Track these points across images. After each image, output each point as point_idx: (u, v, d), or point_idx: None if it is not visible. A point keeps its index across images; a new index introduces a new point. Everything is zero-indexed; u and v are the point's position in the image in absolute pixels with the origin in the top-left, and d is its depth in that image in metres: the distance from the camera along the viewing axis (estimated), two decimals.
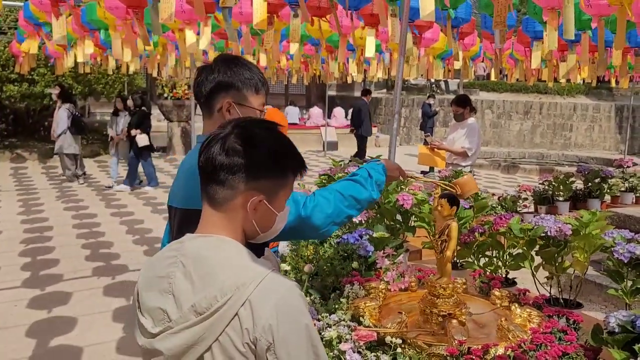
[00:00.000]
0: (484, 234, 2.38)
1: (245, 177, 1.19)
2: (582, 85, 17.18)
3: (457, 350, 1.52)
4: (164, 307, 1.17)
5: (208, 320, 1.11)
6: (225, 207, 1.21)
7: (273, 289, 1.13)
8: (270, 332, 1.10)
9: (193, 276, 1.15)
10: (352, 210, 1.73)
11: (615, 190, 5.62)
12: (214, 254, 1.17)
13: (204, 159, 1.22)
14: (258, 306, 1.10)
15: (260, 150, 1.20)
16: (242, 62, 1.74)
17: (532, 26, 4.98)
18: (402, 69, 3.74)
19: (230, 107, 1.71)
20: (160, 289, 1.19)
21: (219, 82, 1.69)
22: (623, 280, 1.87)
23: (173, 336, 1.14)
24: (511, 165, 13.81)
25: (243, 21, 4.88)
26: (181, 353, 1.13)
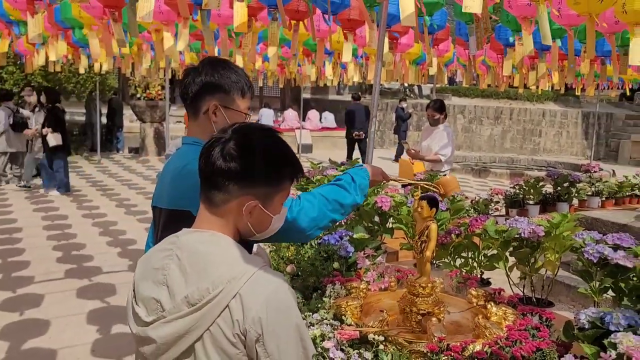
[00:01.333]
0: (460, 235, 2.45)
1: (241, 183, 1.23)
2: (550, 92, 17.62)
3: (437, 347, 1.57)
4: (158, 297, 1.21)
5: (200, 311, 1.16)
6: (222, 209, 1.25)
7: (263, 283, 1.19)
8: (260, 325, 1.15)
9: (187, 269, 1.20)
10: (336, 214, 1.77)
11: (583, 194, 5.80)
12: (208, 248, 1.22)
13: (204, 162, 1.26)
14: (248, 299, 1.15)
15: (257, 157, 1.23)
16: (229, 65, 1.76)
17: (505, 34, 5.11)
18: (380, 74, 3.81)
19: (217, 110, 1.73)
20: (155, 280, 1.24)
21: (206, 84, 1.71)
22: (592, 279, 1.95)
23: (165, 325, 1.18)
24: (482, 169, 14.09)
25: (221, 23, 4.89)
26: (173, 342, 1.18)
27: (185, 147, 1.82)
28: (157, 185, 1.88)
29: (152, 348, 1.21)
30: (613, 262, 1.87)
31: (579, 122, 18.95)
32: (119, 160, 13.88)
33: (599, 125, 17.10)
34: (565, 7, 3.87)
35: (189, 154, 1.76)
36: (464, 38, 5.22)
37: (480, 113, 18.61)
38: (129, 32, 3.91)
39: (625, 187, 6.00)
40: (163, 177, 1.85)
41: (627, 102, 20.20)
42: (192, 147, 1.80)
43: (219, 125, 1.73)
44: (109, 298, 4.63)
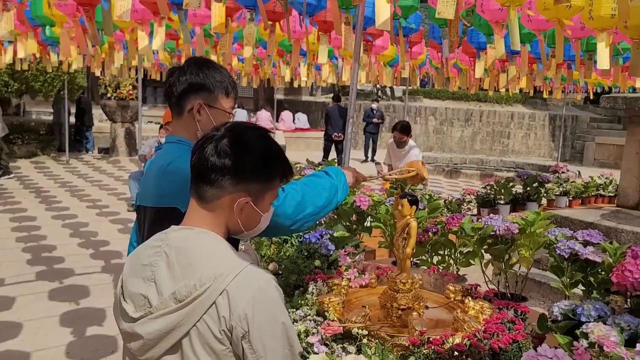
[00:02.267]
0: (437, 233, 2.51)
1: (234, 179, 1.25)
2: (519, 94, 18.02)
3: (419, 340, 1.62)
4: (145, 293, 1.23)
5: (187, 307, 1.18)
6: (213, 205, 1.28)
7: (251, 281, 1.21)
8: (246, 321, 1.17)
9: (175, 265, 1.22)
10: (320, 199, 1.80)
11: (551, 194, 5.98)
12: (196, 245, 1.24)
13: (197, 158, 1.28)
14: (235, 296, 1.17)
15: (250, 154, 1.26)
16: (213, 65, 1.78)
17: (477, 37, 5.23)
18: (357, 76, 3.86)
19: (201, 108, 1.74)
20: (144, 276, 1.25)
21: (191, 83, 1.72)
22: (563, 274, 2.03)
23: (153, 321, 1.20)
24: (454, 170, 14.32)
25: (197, 23, 4.88)
26: (159, 338, 1.20)
27: (168, 145, 1.84)
28: (141, 185, 1.89)
29: (139, 344, 1.23)
30: (583, 258, 1.95)
31: (546, 124, 19.43)
32: (88, 161, 13.63)
33: (565, 128, 17.56)
34: (535, 12, 4.00)
35: (174, 152, 1.78)
36: (437, 41, 5.32)
37: (451, 115, 18.91)
38: (104, 31, 3.86)
39: (590, 187, 6.22)
40: (147, 176, 1.87)
41: (591, 105, 20.79)
42: (176, 145, 1.82)
43: (203, 124, 1.75)
44: (82, 300, 4.56)
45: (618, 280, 1.78)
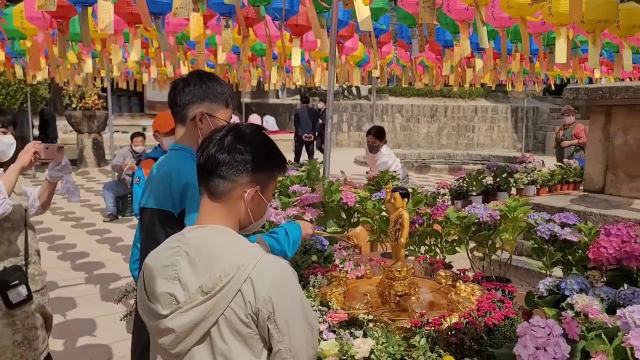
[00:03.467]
0: (423, 224, 2.65)
1: (244, 171, 1.37)
2: (481, 89, 18.48)
3: (420, 321, 1.75)
4: (171, 291, 1.32)
5: (214, 297, 1.27)
6: (225, 198, 1.38)
7: (269, 267, 1.31)
8: (271, 303, 1.27)
9: (196, 262, 1.31)
10: None
11: (520, 183, 6.23)
12: (214, 241, 1.34)
13: (205, 158, 1.38)
14: (258, 282, 1.27)
15: (256, 147, 1.39)
16: (215, 78, 1.94)
17: (443, 36, 5.41)
18: (334, 77, 3.99)
19: (203, 117, 1.89)
20: (167, 276, 1.34)
21: (195, 94, 1.87)
22: (544, 255, 2.20)
23: (183, 315, 1.28)
24: (423, 165, 14.62)
25: (170, 31, 4.93)
26: (191, 329, 1.29)
27: (172, 152, 1.96)
28: (144, 188, 1.99)
29: (172, 337, 1.31)
30: (561, 238, 2.12)
31: (509, 116, 19.98)
32: None
33: (527, 119, 18.09)
34: (498, 10, 4.20)
35: (177, 160, 1.90)
36: (405, 40, 5.49)
37: (417, 111, 19.27)
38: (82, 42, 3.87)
39: (556, 175, 6.50)
40: (150, 180, 1.97)
41: (550, 97, 21.47)
42: (179, 152, 1.93)
43: (205, 132, 1.87)
44: (69, 312, 4.55)
45: (594, 257, 1.95)
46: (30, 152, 2.53)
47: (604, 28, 4.15)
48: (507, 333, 1.71)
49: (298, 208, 2.83)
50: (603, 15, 3.93)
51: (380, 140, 6.15)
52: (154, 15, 3.78)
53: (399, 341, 1.68)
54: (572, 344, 1.45)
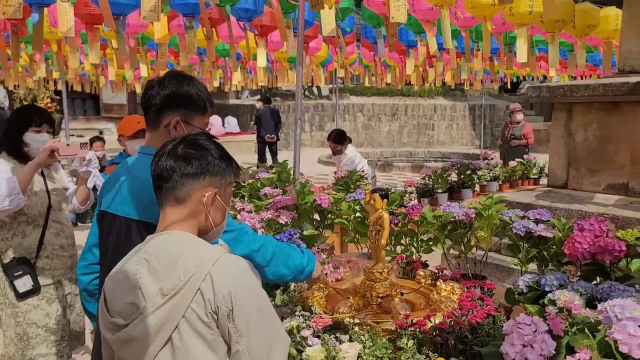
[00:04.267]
0: (399, 224, 2.66)
1: (200, 175, 1.39)
2: (440, 87, 18.80)
3: (405, 323, 1.75)
4: (132, 301, 1.30)
5: (174, 298, 1.26)
6: (185, 204, 1.39)
7: (229, 264, 1.32)
8: (230, 299, 1.26)
9: (157, 268, 1.31)
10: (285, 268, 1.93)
11: (483, 180, 6.36)
12: (174, 246, 1.34)
13: (160, 168, 1.40)
14: (217, 278, 1.27)
15: (210, 152, 1.42)
16: (193, 82, 1.81)
17: (406, 36, 5.47)
18: (302, 78, 3.97)
19: (177, 125, 1.77)
20: (129, 287, 1.32)
21: (171, 99, 1.76)
22: (520, 251, 2.23)
23: (144, 320, 1.26)
24: (386, 164, 14.76)
25: (130, 32, 4.80)
26: (153, 334, 1.26)
27: (142, 156, 1.84)
28: (106, 190, 1.87)
29: (135, 347, 1.28)
30: (536, 234, 2.16)
31: (467, 114, 20.40)
32: None
33: (484, 117, 18.50)
34: (462, 10, 4.26)
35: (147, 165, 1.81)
36: (370, 41, 5.52)
37: (378, 110, 19.44)
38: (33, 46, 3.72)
39: (517, 171, 6.68)
40: (114, 183, 1.84)
41: (506, 94, 22.05)
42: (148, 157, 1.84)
43: None
44: None
45: (570, 252, 1.99)
46: (47, 150, 2.59)
47: (562, 28, 4.28)
48: (491, 331, 1.73)
49: (272, 211, 2.79)
50: (561, 15, 4.05)
51: (341, 144, 6.09)
52: (114, 17, 3.66)
53: (386, 344, 1.67)
54: (557, 339, 1.48)
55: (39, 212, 2.75)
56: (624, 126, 3.65)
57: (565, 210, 3.48)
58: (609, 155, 3.73)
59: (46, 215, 2.77)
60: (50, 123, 2.88)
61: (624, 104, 3.64)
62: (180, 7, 3.90)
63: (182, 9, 3.91)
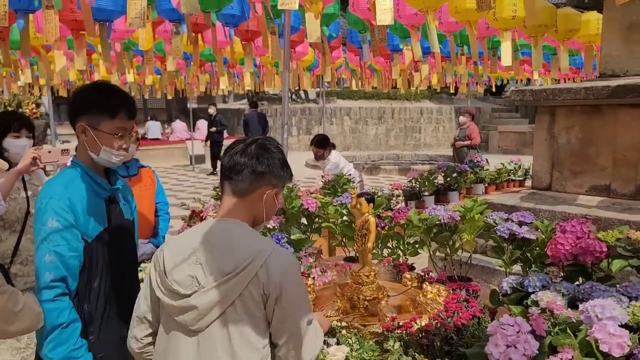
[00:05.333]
0: (385, 227, 2.69)
1: (267, 174, 1.56)
2: (426, 90, 18.94)
3: (391, 325, 1.77)
4: (193, 274, 1.48)
5: (235, 278, 1.44)
6: (247, 197, 1.56)
7: (282, 256, 1.51)
8: (279, 287, 1.45)
9: (218, 249, 1.49)
10: None
11: (469, 182, 6.42)
12: (234, 232, 1.53)
13: (232, 162, 1.56)
14: (272, 267, 1.46)
15: (276, 156, 1.59)
16: (103, 89, 1.86)
17: (391, 40, 5.51)
18: (288, 82, 3.98)
19: (85, 130, 1.84)
20: (190, 262, 1.50)
21: (77, 106, 1.85)
22: (504, 253, 2.27)
23: (205, 294, 1.45)
24: (373, 167, 14.81)
25: (116, 38, 4.79)
26: (211, 306, 1.45)
27: (68, 169, 1.92)
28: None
29: (193, 314, 1.46)
30: (520, 237, 2.20)
31: (453, 117, 20.55)
32: None
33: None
34: (446, 15, 4.32)
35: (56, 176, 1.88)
36: (355, 45, 5.56)
37: (365, 114, 19.51)
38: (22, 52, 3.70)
39: (502, 173, 6.75)
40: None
41: (491, 97, 22.25)
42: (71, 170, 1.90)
43: (90, 144, 1.86)
44: None
45: (552, 253, 2.03)
46: (29, 157, 2.60)
47: (545, 32, 4.35)
48: (476, 332, 1.75)
49: None
50: (543, 20, 4.12)
51: (323, 149, 6.04)
52: (98, 23, 3.66)
53: (373, 346, 1.69)
54: (540, 339, 1.51)
55: (17, 218, 2.75)
56: (605, 129, 3.72)
57: (549, 211, 3.54)
58: (591, 158, 3.80)
59: (24, 221, 2.77)
60: (29, 128, 2.90)
61: (605, 107, 3.71)
62: (166, 13, 3.91)
63: (169, 14, 3.92)
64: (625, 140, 3.62)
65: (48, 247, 1.74)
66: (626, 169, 3.63)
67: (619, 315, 1.48)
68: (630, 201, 3.56)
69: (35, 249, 1.78)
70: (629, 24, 3.99)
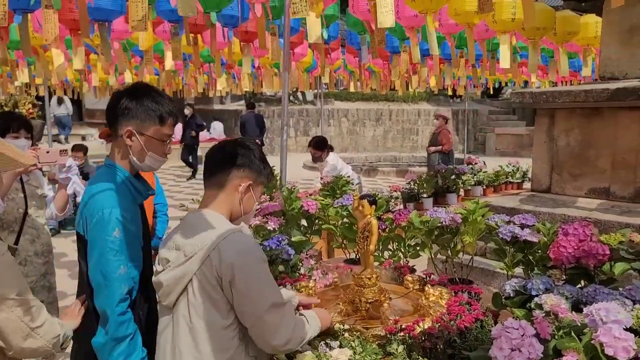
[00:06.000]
0: (386, 229, 2.68)
1: (242, 167, 1.70)
2: (423, 92, 18.95)
3: (394, 328, 1.76)
4: (167, 257, 1.68)
5: (191, 259, 1.60)
6: (225, 188, 1.70)
7: (236, 240, 1.61)
8: (232, 270, 1.55)
9: (187, 234, 1.66)
10: None
11: (467, 184, 6.41)
12: (203, 221, 1.66)
13: (212, 156, 1.73)
14: (224, 251, 1.57)
15: (253, 152, 1.74)
16: (151, 93, 1.84)
17: (391, 42, 5.51)
18: (288, 84, 3.98)
19: (132, 135, 1.81)
20: (169, 246, 1.71)
21: (124, 110, 1.80)
22: (506, 256, 2.26)
23: (169, 271, 1.64)
24: (371, 168, 14.82)
25: (115, 38, 4.77)
26: (174, 283, 1.63)
27: (101, 169, 1.92)
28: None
29: (162, 290, 1.66)
30: (522, 239, 2.19)
31: (450, 119, 20.55)
32: None
33: (468, 122, 18.68)
34: (445, 17, 4.32)
35: (102, 181, 1.85)
36: (355, 47, 5.56)
37: (362, 115, 19.52)
38: (23, 51, 3.69)
39: (500, 175, 6.75)
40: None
41: (488, 99, 22.28)
42: (105, 169, 1.89)
43: (135, 149, 1.83)
44: None
45: (555, 256, 2.02)
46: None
47: (543, 35, 4.36)
48: (479, 335, 1.75)
49: (260, 217, 2.79)
50: (542, 22, 4.13)
51: (321, 151, 6.04)
52: (98, 22, 3.64)
53: (375, 350, 1.68)
54: (544, 343, 1.50)
55: (15, 218, 2.73)
56: (604, 131, 3.73)
57: (548, 214, 3.54)
58: (590, 160, 3.80)
59: (22, 222, 2.75)
60: (27, 128, 2.89)
61: (605, 110, 3.72)
62: (165, 14, 3.90)
63: (167, 15, 3.90)
64: (624, 143, 3.63)
65: (120, 259, 1.74)
66: (625, 172, 3.63)
67: (624, 319, 1.48)
68: (629, 204, 3.57)
69: (94, 259, 1.75)
70: (629, 27, 4.00)
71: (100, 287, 1.73)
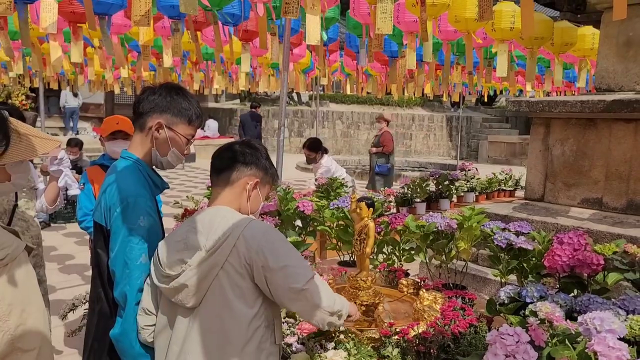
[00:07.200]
0: (382, 233, 2.68)
1: (250, 165, 1.73)
2: (418, 98, 19.01)
3: (389, 332, 1.77)
4: (181, 257, 1.61)
5: (215, 252, 1.56)
6: (233, 185, 1.72)
7: (258, 227, 1.62)
8: (262, 253, 1.55)
9: (203, 232, 1.62)
10: None
11: (460, 190, 6.44)
12: (217, 216, 1.65)
13: (220, 155, 1.75)
14: (248, 238, 1.57)
15: (260, 153, 1.78)
16: (183, 93, 1.88)
17: (389, 46, 5.53)
18: (286, 84, 3.98)
19: (160, 128, 1.83)
20: (178, 249, 1.64)
21: (157, 104, 1.82)
22: (500, 263, 2.28)
23: (191, 271, 1.57)
24: (364, 172, 14.82)
25: (114, 32, 4.75)
26: (199, 282, 1.57)
27: (119, 161, 1.91)
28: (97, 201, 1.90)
29: (185, 292, 1.58)
30: (517, 247, 2.20)
31: (444, 125, 20.65)
32: None
33: (461, 128, 18.77)
34: (444, 23, 4.34)
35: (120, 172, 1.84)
36: (353, 50, 5.57)
37: (357, 119, 19.54)
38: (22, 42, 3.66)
39: (493, 183, 6.79)
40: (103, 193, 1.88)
41: (482, 107, 22.40)
42: (124, 162, 1.88)
43: (160, 143, 1.84)
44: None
45: (550, 264, 2.04)
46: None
47: (541, 45, 4.38)
48: (473, 340, 1.75)
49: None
50: (540, 32, 4.16)
51: (315, 153, 6.04)
52: (98, 16, 3.62)
53: (370, 352, 1.68)
54: (539, 350, 1.51)
55: (4, 210, 2.71)
56: (599, 142, 3.75)
57: (541, 222, 3.56)
58: (584, 170, 3.83)
59: (11, 213, 2.73)
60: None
61: (600, 121, 3.75)
62: (166, 10, 3.88)
63: (168, 11, 3.89)
64: (618, 154, 3.65)
65: (143, 248, 1.74)
66: (618, 183, 3.66)
67: (618, 329, 1.49)
68: (621, 215, 3.59)
69: (117, 247, 1.74)
70: (625, 40, 4.03)
71: (122, 275, 1.72)
